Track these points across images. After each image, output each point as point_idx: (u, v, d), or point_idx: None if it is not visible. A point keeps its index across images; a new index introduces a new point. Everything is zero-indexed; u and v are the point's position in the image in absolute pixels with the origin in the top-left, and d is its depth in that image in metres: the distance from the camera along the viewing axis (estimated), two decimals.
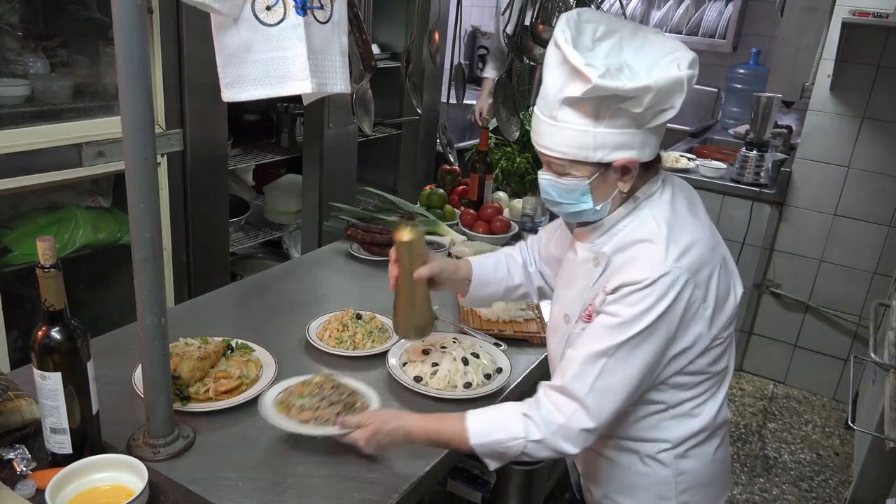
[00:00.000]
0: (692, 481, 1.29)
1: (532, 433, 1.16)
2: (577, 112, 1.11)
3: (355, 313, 1.72)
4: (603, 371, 1.13)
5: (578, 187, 1.17)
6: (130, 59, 1.02)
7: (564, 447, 1.16)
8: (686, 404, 1.24)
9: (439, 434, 1.23)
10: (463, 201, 2.59)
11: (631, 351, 1.12)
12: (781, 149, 3.71)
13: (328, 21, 1.30)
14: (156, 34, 2.14)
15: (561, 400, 1.16)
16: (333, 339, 1.64)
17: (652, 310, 1.10)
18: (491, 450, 1.20)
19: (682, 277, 1.11)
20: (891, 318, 2.42)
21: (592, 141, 1.12)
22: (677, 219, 1.17)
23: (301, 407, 1.27)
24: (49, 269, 1.07)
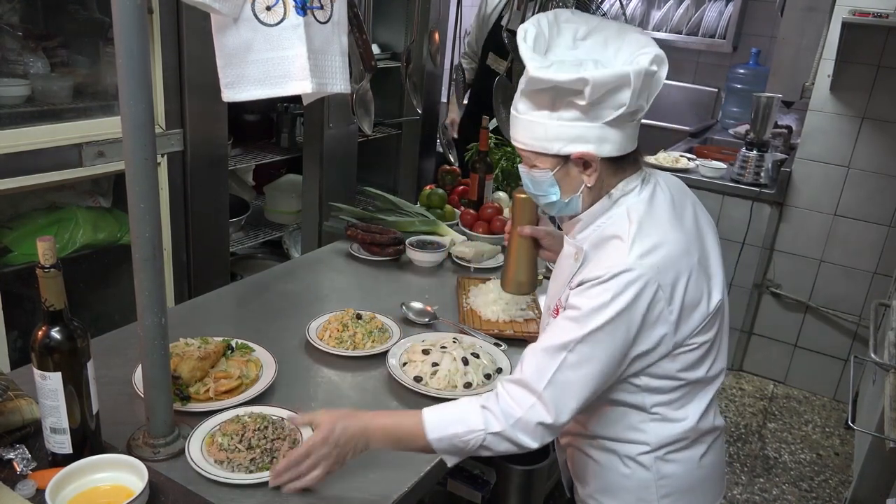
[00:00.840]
0: (674, 486, 1.28)
1: (492, 425, 1.15)
2: (533, 104, 1.17)
3: (355, 313, 1.72)
4: (561, 365, 1.13)
5: (546, 179, 1.22)
6: (130, 59, 1.02)
7: (523, 440, 1.15)
8: (661, 408, 1.23)
9: (397, 429, 1.20)
10: (463, 201, 2.59)
11: (590, 346, 1.12)
12: (781, 149, 3.71)
13: (328, 21, 1.30)
14: (156, 34, 2.15)
15: (519, 393, 1.16)
16: (333, 339, 1.64)
17: (610, 305, 1.10)
18: (449, 444, 1.18)
19: (643, 276, 1.10)
20: (891, 318, 2.42)
21: (546, 132, 1.16)
22: (651, 217, 1.18)
23: (220, 446, 1.23)
24: (49, 269, 1.07)
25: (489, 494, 1.97)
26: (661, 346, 1.16)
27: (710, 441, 1.30)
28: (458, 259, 2.20)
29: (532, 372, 1.15)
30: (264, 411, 1.32)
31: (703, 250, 1.22)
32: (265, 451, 1.22)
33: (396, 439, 1.20)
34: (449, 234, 2.30)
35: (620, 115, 1.12)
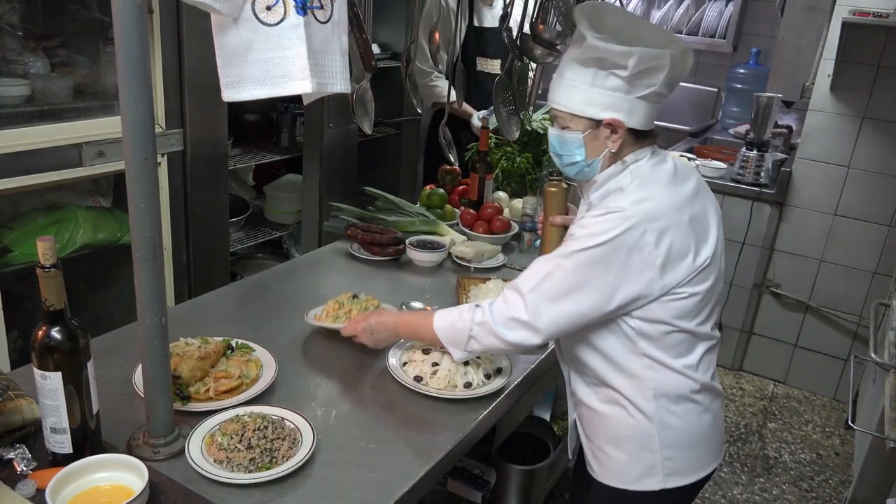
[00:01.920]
0: (675, 438, 1.39)
1: (477, 316, 1.37)
2: (578, 71, 1.32)
3: (352, 294, 1.74)
4: (547, 275, 1.30)
5: (575, 140, 1.36)
6: (130, 59, 1.02)
7: (504, 333, 1.34)
8: (656, 352, 1.34)
9: (415, 320, 1.52)
10: (463, 201, 2.59)
11: (575, 265, 1.28)
12: (781, 149, 3.71)
13: (328, 21, 1.30)
14: (156, 34, 2.14)
15: (511, 295, 1.35)
16: (329, 318, 1.67)
17: (599, 234, 1.26)
18: (448, 334, 1.42)
19: (634, 218, 1.26)
20: (891, 318, 2.42)
21: (586, 97, 1.32)
22: (651, 178, 1.34)
23: (219, 445, 1.23)
24: (49, 269, 1.07)
25: (489, 494, 1.97)
26: (649, 287, 1.28)
27: (708, 402, 1.42)
28: (458, 259, 2.20)
29: (524, 278, 1.35)
30: (264, 411, 1.32)
31: (699, 216, 1.34)
32: (265, 450, 1.22)
33: (415, 329, 1.51)
34: (449, 234, 2.30)
35: (651, 93, 1.30)
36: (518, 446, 2.17)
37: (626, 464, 1.41)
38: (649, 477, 1.40)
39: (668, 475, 1.40)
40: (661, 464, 1.39)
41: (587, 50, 1.29)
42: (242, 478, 1.18)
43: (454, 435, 1.38)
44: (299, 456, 1.23)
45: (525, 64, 2.34)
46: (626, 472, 1.41)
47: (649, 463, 1.39)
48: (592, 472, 1.49)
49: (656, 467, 1.39)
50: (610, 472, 1.44)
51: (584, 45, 1.29)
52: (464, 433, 1.39)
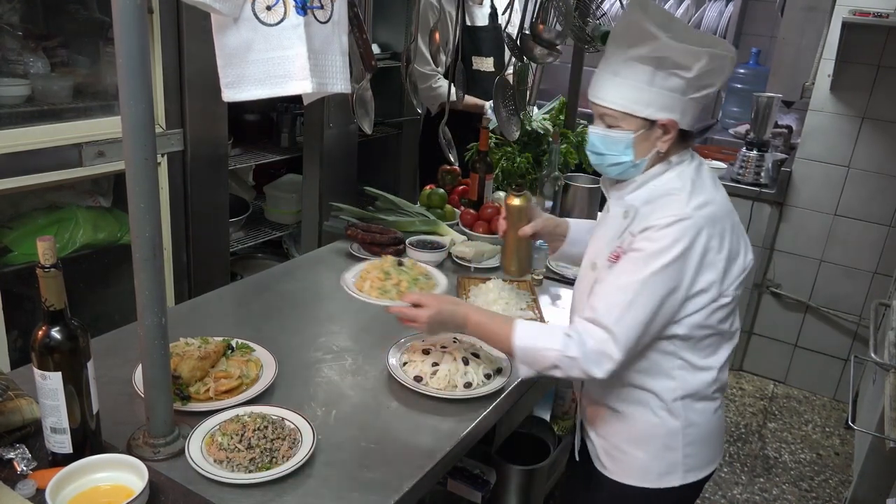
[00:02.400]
0: (697, 435, 1.40)
1: (570, 349, 1.28)
2: (637, 70, 1.29)
3: (396, 260, 1.63)
4: (631, 303, 1.26)
5: (624, 139, 1.33)
6: (130, 59, 1.02)
7: (593, 370, 1.27)
8: (691, 355, 1.35)
9: (490, 326, 1.39)
10: (463, 201, 2.59)
11: (654, 284, 1.25)
12: (781, 149, 3.71)
13: (328, 21, 1.30)
14: (156, 34, 2.14)
15: (592, 328, 1.28)
16: (375, 290, 1.54)
17: (672, 247, 1.24)
18: (529, 354, 1.33)
19: (698, 223, 1.25)
20: (891, 318, 2.42)
21: (642, 97, 1.29)
22: (699, 181, 1.33)
23: (219, 445, 1.23)
24: (49, 269, 1.07)
25: (489, 494, 1.97)
26: (711, 290, 1.29)
27: (720, 398, 1.45)
28: (458, 259, 2.20)
29: (603, 309, 1.28)
30: (264, 411, 1.32)
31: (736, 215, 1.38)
32: (265, 450, 1.22)
33: (487, 334, 1.41)
34: (449, 234, 2.30)
35: (705, 94, 1.31)
36: (518, 446, 2.17)
37: (648, 462, 1.42)
38: (670, 474, 1.42)
39: (686, 471, 1.42)
40: (682, 461, 1.41)
41: (657, 49, 1.25)
42: (242, 478, 1.18)
43: (454, 435, 1.38)
44: (299, 456, 1.23)
45: (525, 64, 2.33)
46: (649, 471, 1.42)
47: (672, 461, 1.41)
48: (605, 470, 1.48)
49: (677, 464, 1.41)
50: (629, 471, 1.44)
51: (653, 43, 1.25)
52: (464, 433, 1.39)
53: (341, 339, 1.71)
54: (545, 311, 1.88)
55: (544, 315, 1.85)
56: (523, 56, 2.24)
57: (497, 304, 1.84)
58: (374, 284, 1.54)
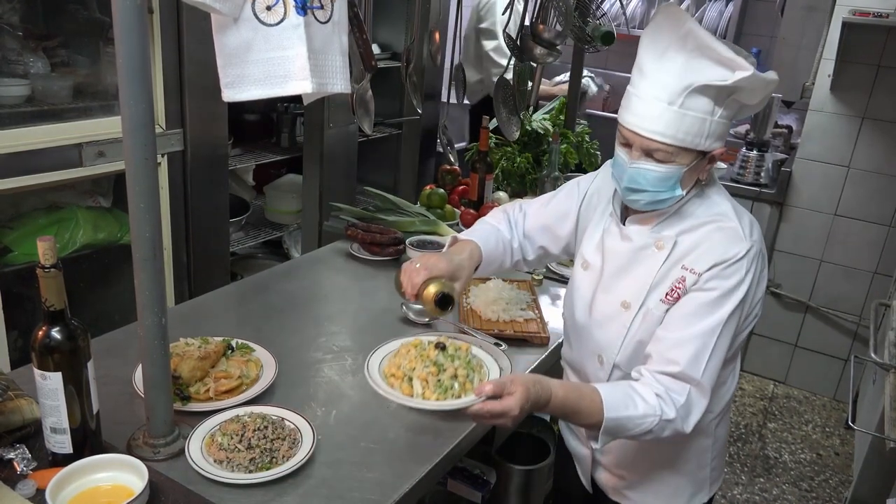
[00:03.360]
0: (720, 447, 1.40)
1: (667, 413, 1.17)
2: (706, 100, 1.15)
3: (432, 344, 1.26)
4: (714, 348, 1.19)
5: (675, 175, 1.20)
6: (130, 58, 1.02)
7: (684, 427, 1.19)
8: (725, 371, 1.31)
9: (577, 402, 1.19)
10: (463, 201, 2.59)
11: (731, 323, 1.20)
12: (781, 149, 3.71)
13: (328, 21, 1.30)
14: (156, 34, 2.14)
15: (676, 384, 1.19)
16: (432, 391, 1.18)
17: (744, 282, 1.19)
18: (620, 425, 1.18)
19: (759, 249, 1.22)
20: (891, 318, 2.42)
21: (708, 129, 1.17)
22: (731, 199, 1.29)
23: (219, 445, 1.23)
24: (49, 269, 1.07)
25: (489, 494, 1.97)
26: (758, 306, 1.27)
27: None
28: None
29: (685, 361, 1.18)
30: (264, 411, 1.32)
31: None
32: (265, 450, 1.22)
33: (574, 411, 1.20)
34: (449, 234, 2.30)
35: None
36: (518, 446, 2.17)
37: (679, 485, 1.39)
38: (700, 492, 1.41)
39: (712, 483, 1.42)
40: (710, 475, 1.39)
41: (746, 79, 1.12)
42: (242, 478, 1.18)
43: (454, 435, 1.38)
44: (299, 456, 1.23)
45: (525, 64, 2.34)
46: (679, 493, 1.40)
47: (701, 478, 1.39)
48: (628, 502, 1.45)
49: (706, 480, 1.39)
50: (658, 498, 1.41)
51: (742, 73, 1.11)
52: (464, 433, 1.39)
53: (341, 339, 1.71)
54: (545, 311, 1.88)
55: (544, 315, 1.84)
56: (523, 56, 2.24)
57: (497, 303, 1.84)
58: (430, 384, 1.19)
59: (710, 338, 1.18)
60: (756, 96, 1.18)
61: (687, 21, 1.15)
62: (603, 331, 1.36)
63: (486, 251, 1.48)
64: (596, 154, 2.81)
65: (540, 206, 1.56)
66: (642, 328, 1.28)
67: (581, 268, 1.42)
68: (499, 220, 1.58)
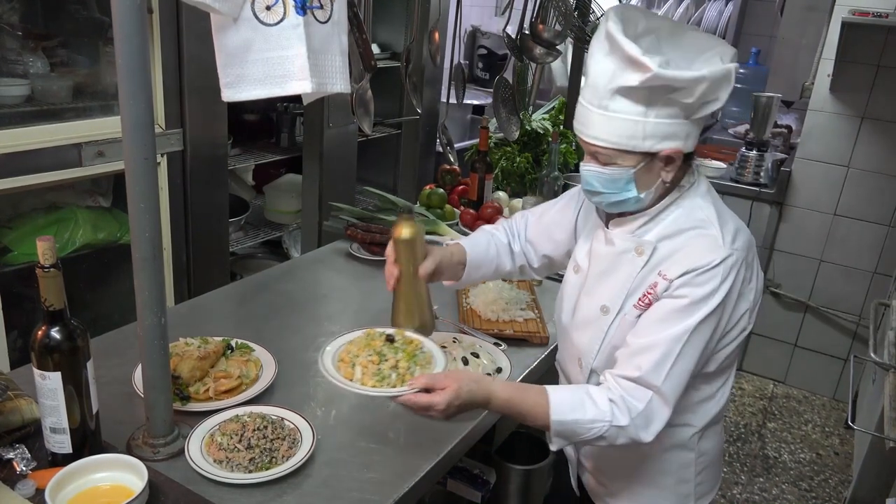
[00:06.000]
0: (707, 461, 1.36)
1: (618, 418, 1.17)
2: (629, 101, 1.13)
3: (384, 334, 1.32)
4: (678, 356, 1.16)
5: (623, 177, 1.19)
6: (130, 58, 1.02)
7: (641, 435, 1.18)
8: (709, 388, 1.29)
9: (521, 405, 1.21)
10: (463, 201, 2.59)
11: (700, 333, 1.16)
12: (781, 148, 3.71)
13: (328, 21, 1.30)
14: (156, 34, 2.14)
15: (636, 390, 1.18)
16: (370, 377, 1.24)
17: (718, 291, 1.15)
18: (568, 428, 1.19)
19: (739, 259, 1.17)
20: (891, 318, 2.42)
21: (643, 130, 1.14)
22: (719, 206, 1.24)
23: (219, 445, 1.23)
24: (49, 269, 1.07)
25: (489, 494, 1.97)
26: (742, 321, 1.22)
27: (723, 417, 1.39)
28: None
29: (649, 366, 1.16)
30: (264, 411, 1.32)
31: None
32: (264, 450, 1.22)
33: (518, 413, 1.22)
34: (449, 234, 2.30)
35: (709, 112, 1.16)
36: (518, 446, 2.17)
37: (659, 498, 1.37)
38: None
39: (698, 498, 1.38)
40: (695, 490, 1.36)
41: (649, 80, 1.09)
42: (242, 478, 1.18)
43: (454, 435, 1.38)
44: (299, 456, 1.23)
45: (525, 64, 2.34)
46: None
47: (684, 493, 1.36)
48: None
49: (690, 495, 1.37)
50: None
51: (644, 74, 1.08)
52: (463, 433, 1.39)
53: None
54: (545, 311, 1.88)
55: (544, 315, 1.84)
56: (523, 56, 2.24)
57: (497, 303, 1.84)
58: (369, 371, 1.24)
59: (675, 345, 1.15)
60: (690, 94, 1.10)
61: (608, 21, 1.14)
62: (582, 334, 1.35)
63: (473, 252, 1.48)
64: None
65: (541, 212, 1.56)
66: (618, 334, 1.26)
67: (573, 271, 1.41)
68: (496, 227, 1.59)
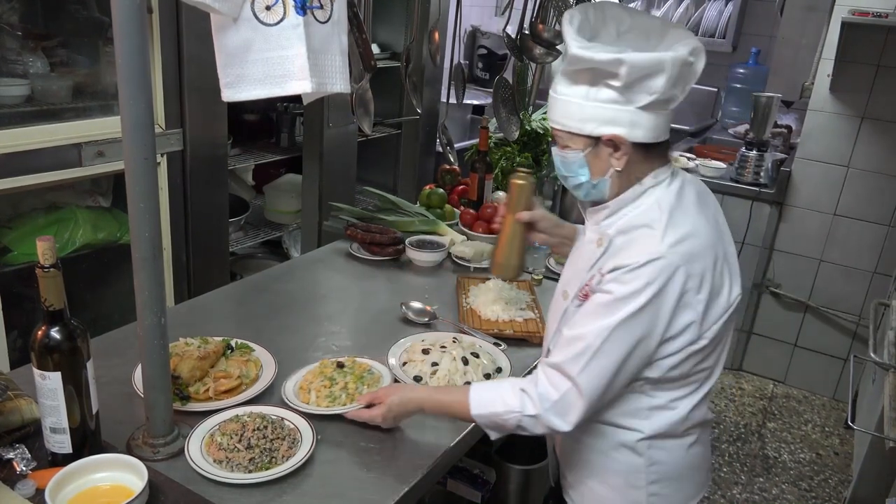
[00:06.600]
0: (663, 473, 1.30)
1: (528, 408, 1.21)
2: (571, 84, 1.20)
3: (335, 362, 1.51)
4: (598, 351, 1.16)
5: (576, 160, 1.24)
6: (130, 59, 1.02)
7: (556, 423, 1.20)
8: (664, 396, 1.25)
9: (448, 405, 1.32)
10: (463, 201, 2.59)
11: (622, 331, 1.15)
12: (781, 148, 3.71)
13: (328, 21, 1.30)
14: (155, 34, 2.14)
15: (556, 377, 1.20)
16: (324, 399, 1.41)
17: (643, 291, 1.13)
18: (490, 421, 1.26)
19: (673, 263, 1.13)
20: (890, 318, 2.42)
21: (581, 113, 1.19)
22: (680, 208, 1.20)
23: (219, 445, 1.23)
24: (49, 269, 1.07)
25: (489, 494, 1.97)
26: (687, 332, 1.18)
27: (698, 433, 1.33)
28: (458, 259, 2.20)
29: (568, 357, 1.19)
30: (264, 411, 1.32)
31: (725, 245, 1.25)
32: (264, 450, 1.22)
33: (449, 412, 1.33)
34: (449, 234, 2.30)
35: (654, 101, 1.15)
36: (518, 446, 2.17)
37: (608, 499, 1.34)
38: None
39: None
40: (647, 500, 1.32)
41: (573, 61, 1.16)
42: (242, 478, 1.18)
43: (454, 435, 1.38)
44: (299, 456, 1.23)
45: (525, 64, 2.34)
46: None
47: (635, 499, 1.32)
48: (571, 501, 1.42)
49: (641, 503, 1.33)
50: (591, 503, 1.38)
51: (569, 55, 1.16)
52: (463, 433, 1.39)
53: (341, 339, 1.71)
54: (545, 310, 1.88)
55: (544, 315, 1.85)
56: (523, 56, 2.24)
57: (497, 303, 1.84)
58: (321, 394, 1.42)
59: (595, 339, 1.16)
60: (619, 78, 1.13)
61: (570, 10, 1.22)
62: (549, 318, 1.41)
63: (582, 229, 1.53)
64: None
65: None
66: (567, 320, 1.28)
67: None
68: None
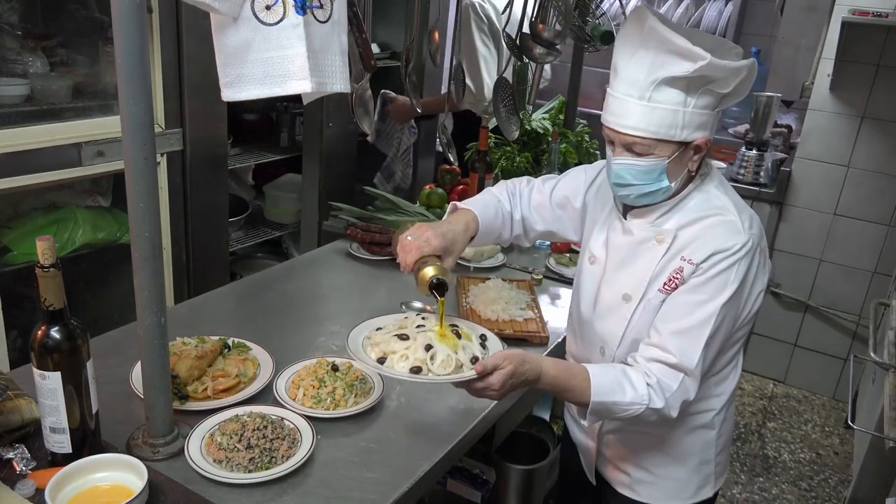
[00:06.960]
0: (725, 440, 1.41)
1: (654, 401, 1.23)
2: (674, 91, 1.19)
3: (330, 364, 1.48)
4: (708, 341, 1.22)
5: (657, 167, 1.24)
6: (130, 58, 1.02)
7: (674, 412, 1.25)
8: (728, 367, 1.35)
9: (565, 386, 1.26)
10: None
11: (723, 315, 1.22)
12: (781, 148, 3.71)
13: (328, 20, 1.30)
14: (155, 34, 2.14)
15: (669, 371, 1.23)
16: (309, 399, 1.40)
17: (740, 273, 1.21)
18: (605, 408, 1.24)
19: (755, 242, 1.23)
20: (890, 318, 2.42)
21: (682, 120, 1.20)
22: (732, 194, 1.31)
23: (219, 445, 1.23)
24: (48, 269, 1.07)
25: (489, 494, 1.97)
26: (756, 302, 1.28)
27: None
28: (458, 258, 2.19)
29: (678, 350, 1.23)
30: (263, 411, 1.32)
31: None
32: (264, 450, 1.22)
33: (562, 390, 1.27)
34: None
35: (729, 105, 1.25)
36: (518, 446, 2.17)
37: (685, 480, 1.41)
38: (706, 486, 1.42)
39: (717, 477, 1.42)
40: (715, 469, 1.40)
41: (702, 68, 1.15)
42: (242, 477, 1.18)
43: (454, 434, 1.38)
44: (299, 456, 1.23)
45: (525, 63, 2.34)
46: (685, 488, 1.41)
47: (707, 472, 1.40)
48: (635, 495, 1.46)
49: (710, 475, 1.41)
50: (664, 492, 1.43)
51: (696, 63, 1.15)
52: (463, 433, 1.39)
53: (340, 339, 1.70)
54: (545, 310, 1.88)
55: (544, 314, 1.85)
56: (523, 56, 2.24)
57: (497, 303, 1.84)
58: (308, 393, 1.41)
59: (704, 328, 1.21)
60: (727, 84, 1.19)
61: (648, 19, 1.19)
62: (605, 323, 1.39)
63: (484, 222, 1.51)
64: (595, 153, 2.82)
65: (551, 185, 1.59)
66: (642, 320, 1.31)
67: (588, 262, 1.45)
68: (501, 191, 1.61)
